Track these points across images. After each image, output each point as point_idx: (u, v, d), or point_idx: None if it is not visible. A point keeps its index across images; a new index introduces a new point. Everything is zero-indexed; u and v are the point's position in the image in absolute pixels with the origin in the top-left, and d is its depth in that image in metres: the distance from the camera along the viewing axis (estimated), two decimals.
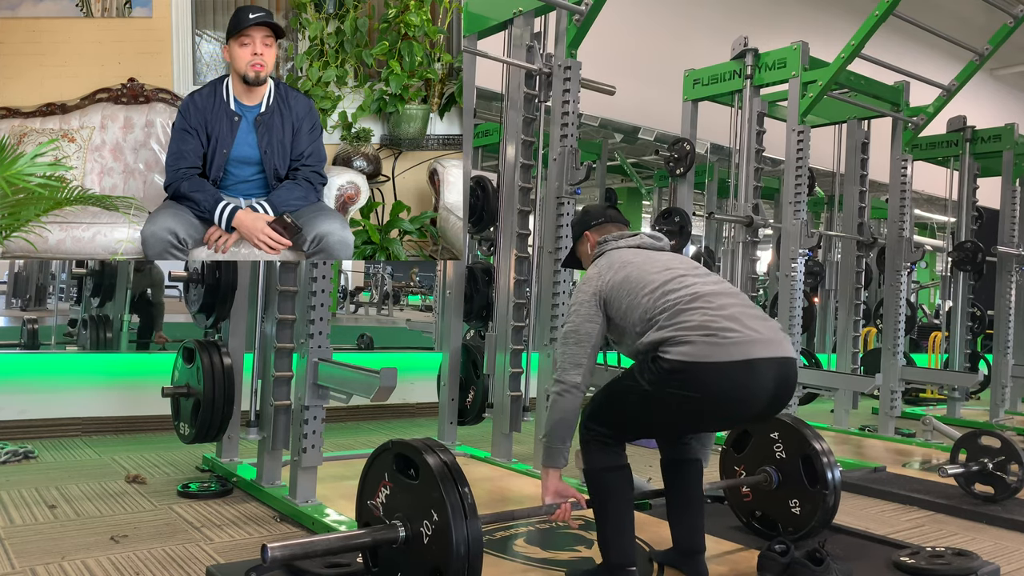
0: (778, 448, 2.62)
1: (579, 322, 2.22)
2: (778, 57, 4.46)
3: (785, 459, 2.61)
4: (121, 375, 4.72)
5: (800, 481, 2.58)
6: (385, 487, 1.96)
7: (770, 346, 2.07)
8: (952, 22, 6.62)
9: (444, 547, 1.77)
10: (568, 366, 2.20)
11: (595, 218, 2.49)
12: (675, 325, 2.06)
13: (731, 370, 2.01)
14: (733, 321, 2.05)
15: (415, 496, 1.87)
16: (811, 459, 2.55)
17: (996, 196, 6.16)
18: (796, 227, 4.40)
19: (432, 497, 1.81)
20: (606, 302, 2.21)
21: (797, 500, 2.60)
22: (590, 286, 2.24)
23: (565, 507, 2.21)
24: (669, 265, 2.23)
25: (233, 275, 3.40)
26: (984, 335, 6.92)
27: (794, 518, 2.62)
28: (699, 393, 2.03)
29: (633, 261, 2.25)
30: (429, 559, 1.81)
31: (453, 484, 1.81)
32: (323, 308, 2.98)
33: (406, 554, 1.88)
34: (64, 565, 2.39)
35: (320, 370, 2.94)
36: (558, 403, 2.20)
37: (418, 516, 1.85)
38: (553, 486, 2.23)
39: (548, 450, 2.23)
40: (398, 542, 1.87)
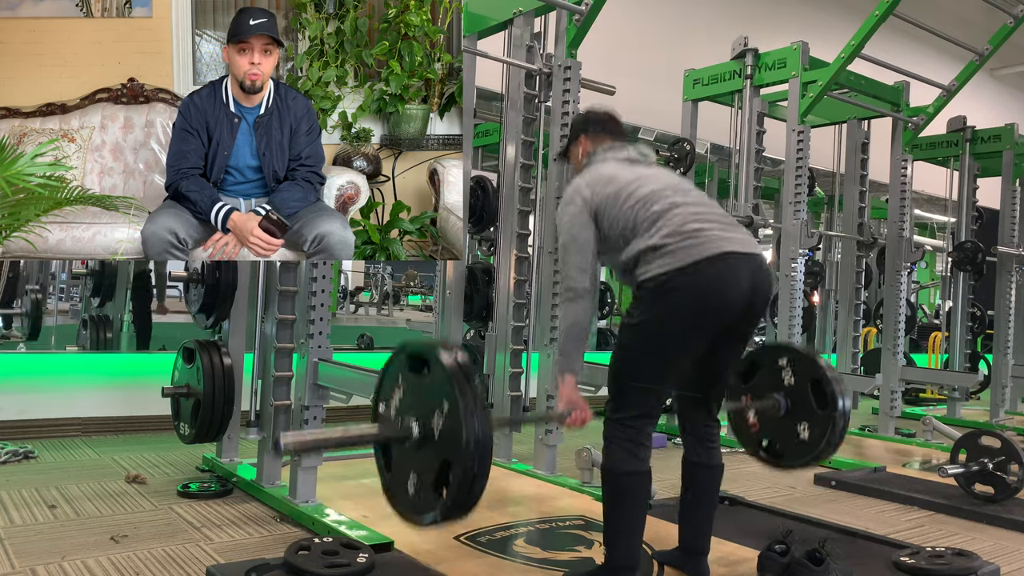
0: (787, 375, 2.59)
1: (576, 231, 2.23)
2: (778, 57, 4.46)
3: (794, 385, 2.58)
4: (121, 375, 4.72)
5: (809, 405, 2.55)
6: (399, 389, 1.94)
7: (741, 244, 2.16)
8: (952, 22, 6.62)
9: (454, 439, 1.75)
10: (574, 272, 2.21)
11: (593, 125, 2.47)
12: (653, 233, 2.13)
13: (707, 265, 2.09)
14: (705, 222, 2.15)
15: (427, 392, 1.85)
16: (821, 383, 2.52)
17: (996, 196, 6.16)
18: (796, 227, 4.40)
19: (442, 391, 1.79)
20: (596, 213, 2.23)
21: (806, 423, 2.58)
22: (580, 196, 2.26)
23: (576, 416, 2.20)
24: (654, 180, 2.26)
25: (233, 275, 3.40)
26: (984, 335, 6.91)
27: (802, 444, 2.58)
28: (683, 299, 2.09)
29: (619, 175, 2.27)
30: (440, 453, 1.79)
31: (463, 377, 1.79)
32: (323, 308, 2.98)
33: (419, 450, 1.85)
34: (64, 565, 2.39)
35: (320, 370, 2.94)
36: (570, 309, 2.21)
37: (430, 412, 1.83)
38: (568, 394, 2.21)
39: (564, 356, 2.22)
40: (411, 439, 1.85)
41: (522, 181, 3.84)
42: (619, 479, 2.17)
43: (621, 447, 2.17)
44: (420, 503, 1.84)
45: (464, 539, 2.70)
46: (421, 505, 1.84)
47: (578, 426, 2.22)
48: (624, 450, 2.17)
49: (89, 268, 5.67)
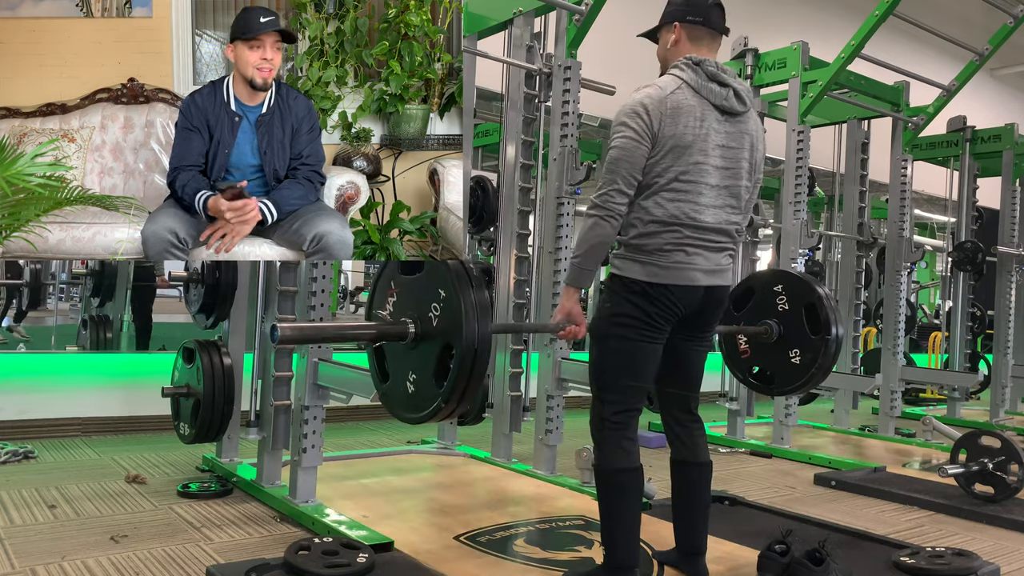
0: (781, 300, 2.58)
1: (632, 145, 2.10)
2: (778, 57, 4.46)
3: (788, 310, 2.57)
4: (121, 375, 4.72)
5: (802, 330, 2.54)
6: (392, 295, 1.92)
7: (715, 278, 2.20)
8: (952, 22, 6.62)
9: (453, 318, 1.72)
10: (614, 193, 2.10)
11: (695, 12, 2.21)
12: (651, 232, 2.14)
13: (675, 288, 2.16)
14: (703, 244, 2.17)
15: (420, 288, 1.84)
16: (815, 307, 2.51)
17: (996, 196, 6.16)
18: (796, 227, 4.40)
19: (437, 278, 1.79)
20: (655, 137, 2.10)
21: (798, 350, 2.56)
22: (648, 115, 2.10)
23: (571, 330, 2.21)
24: (711, 164, 2.15)
25: (233, 275, 3.40)
26: (984, 335, 6.92)
27: (793, 369, 2.58)
28: (648, 303, 2.14)
29: (693, 131, 2.11)
30: (440, 339, 1.77)
31: (457, 262, 1.80)
32: (323, 308, 2.98)
33: (416, 347, 1.84)
34: (64, 565, 2.39)
35: (320, 370, 2.94)
36: (597, 228, 2.11)
37: (425, 303, 1.81)
38: (568, 307, 2.20)
39: (578, 270, 2.18)
40: (407, 337, 1.83)
41: (522, 181, 3.84)
42: (614, 476, 2.18)
43: (609, 444, 2.19)
44: (420, 397, 1.83)
45: (464, 539, 2.70)
46: (421, 399, 1.82)
47: (571, 339, 2.24)
48: (614, 447, 2.18)
49: (89, 268, 5.67)
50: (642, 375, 2.22)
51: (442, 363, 1.76)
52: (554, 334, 2.22)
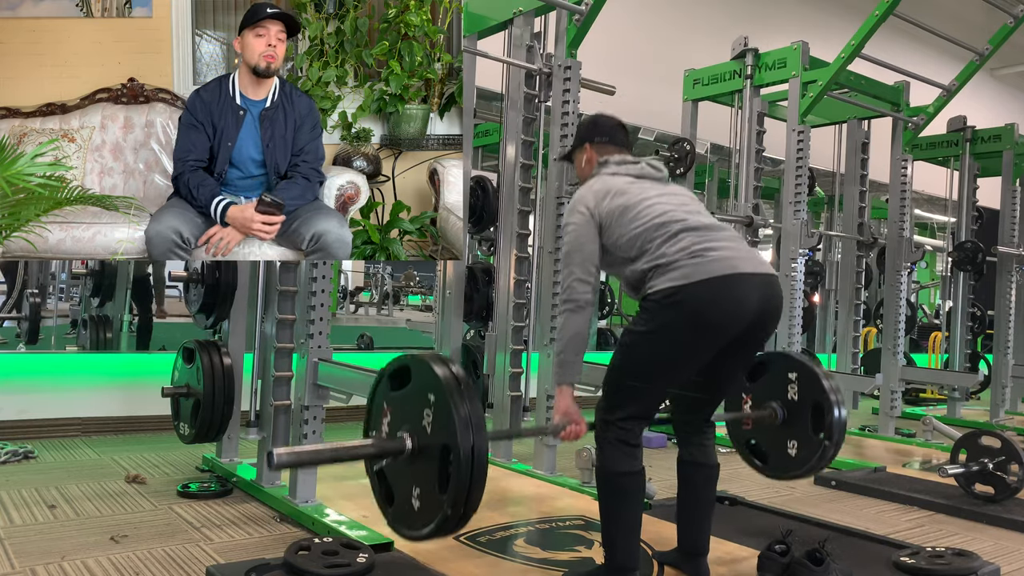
0: (792, 388, 2.58)
1: (581, 241, 2.22)
2: (778, 57, 4.46)
3: (796, 401, 2.56)
4: (121, 375, 4.72)
5: (805, 425, 2.54)
6: (386, 415, 1.92)
7: (752, 264, 2.16)
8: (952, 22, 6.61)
9: (446, 421, 1.72)
10: (575, 284, 2.20)
11: (600, 134, 2.44)
12: (663, 254, 2.12)
13: (716, 281, 2.08)
14: (716, 242, 2.15)
15: (411, 398, 1.83)
16: (823, 408, 2.51)
17: (996, 196, 6.16)
18: (796, 227, 4.40)
19: (425, 384, 1.78)
20: (602, 226, 2.22)
21: (796, 443, 2.56)
22: (585, 206, 2.24)
23: (571, 429, 2.19)
24: (666, 200, 2.24)
25: (233, 275, 3.40)
26: (984, 335, 6.92)
27: (786, 458, 2.58)
28: (691, 311, 2.07)
29: (629, 191, 2.25)
30: (436, 443, 1.77)
31: (442, 364, 1.78)
32: (323, 308, 2.98)
33: (415, 458, 1.83)
34: (64, 565, 2.39)
35: (320, 370, 2.94)
36: (571, 320, 2.19)
37: (417, 413, 1.80)
38: (564, 405, 2.20)
39: (563, 364, 2.21)
40: (404, 452, 1.83)
41: (522, 181, 3.84)
42: (616, 479, 2.17)
43: (614, 447, 2.18)
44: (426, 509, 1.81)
45: (464, 539, 2.70)
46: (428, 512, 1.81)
47: (572, 439, 2.22)
48: (617, 450, 2.17)
49: (89, 268, 5.67)
50: (663, 389, 2.23)
51: (443, 471, 1.77)
52: (555, 436, 2.21)
